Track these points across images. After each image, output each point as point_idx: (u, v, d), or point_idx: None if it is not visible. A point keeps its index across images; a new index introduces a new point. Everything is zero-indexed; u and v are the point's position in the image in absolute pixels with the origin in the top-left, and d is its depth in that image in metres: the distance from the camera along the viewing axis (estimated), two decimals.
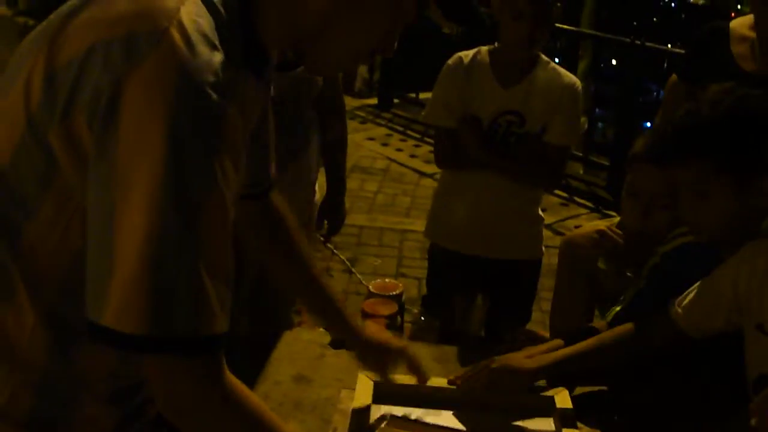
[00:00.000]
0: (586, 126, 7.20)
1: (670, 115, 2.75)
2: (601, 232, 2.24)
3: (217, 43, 1.11)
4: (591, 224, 2.42)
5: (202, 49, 1.08)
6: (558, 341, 2.05)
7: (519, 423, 1.86)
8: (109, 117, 1.04)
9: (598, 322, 2.20)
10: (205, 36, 1.09)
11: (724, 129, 1.80)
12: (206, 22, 1.11)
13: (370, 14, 1.25)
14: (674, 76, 2.92)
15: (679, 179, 1.90)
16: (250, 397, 1.21)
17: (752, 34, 2.67)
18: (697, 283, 1.90)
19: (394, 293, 2.43)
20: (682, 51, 4.48)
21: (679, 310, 1.90)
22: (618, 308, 2.13)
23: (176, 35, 1.06)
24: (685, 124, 1.86)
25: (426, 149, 7.07)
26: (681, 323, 1.89)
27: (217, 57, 1.09)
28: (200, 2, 1.12)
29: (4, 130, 1.15)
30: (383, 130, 7.82)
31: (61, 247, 1.16)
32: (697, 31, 2.88)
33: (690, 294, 1.90)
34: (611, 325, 2.07)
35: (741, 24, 2.73)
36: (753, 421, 1.51)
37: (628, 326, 1.98)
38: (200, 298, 1.09)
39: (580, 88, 2.90)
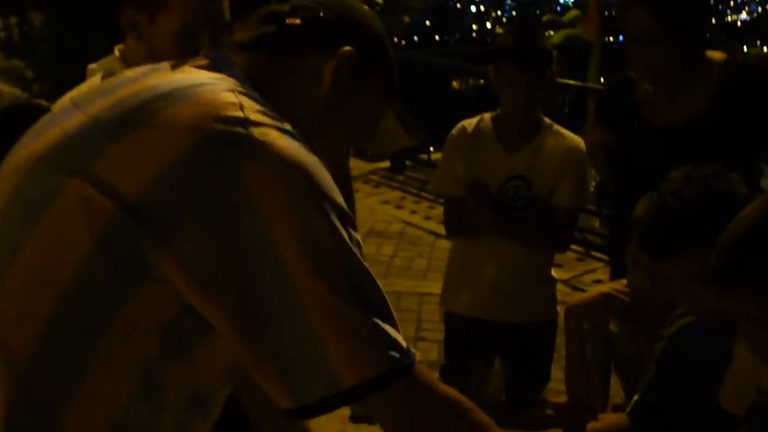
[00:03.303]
0: (599, 177, 7.22)
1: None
2: (607, 295, 2.24)
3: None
4: (594, 288, 2.43)
5: (282, 124, 1.16)
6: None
7: None
8: (246, 217, 1.08)
9: (604, 415, 2.20)
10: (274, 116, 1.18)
11: (699, 218, 1.84)
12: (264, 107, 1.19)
13: (356, 112, 1.36)
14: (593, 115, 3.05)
15: (669, 273, 1.94)
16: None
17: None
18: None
19: None
20: None
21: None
22: (636, 398, 2.11)
23: (256, 117, 1.13)
24: (658, 223, 1.91)
25: (441, 210, 6.93)
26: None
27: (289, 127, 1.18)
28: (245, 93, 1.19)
29: (47, 280, 1.12)
30: (397, 193, 7.84)
31: (133, 358, 1.14)
32: (611, 79, 2.97)
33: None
34: (632, 416, 2.08)
35: None
36: None
37: None
38: (392, 316, 1.18)
39: (585, 148, 2.94)
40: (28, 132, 1.26)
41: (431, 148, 8.11)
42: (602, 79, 11.46)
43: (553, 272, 3.12)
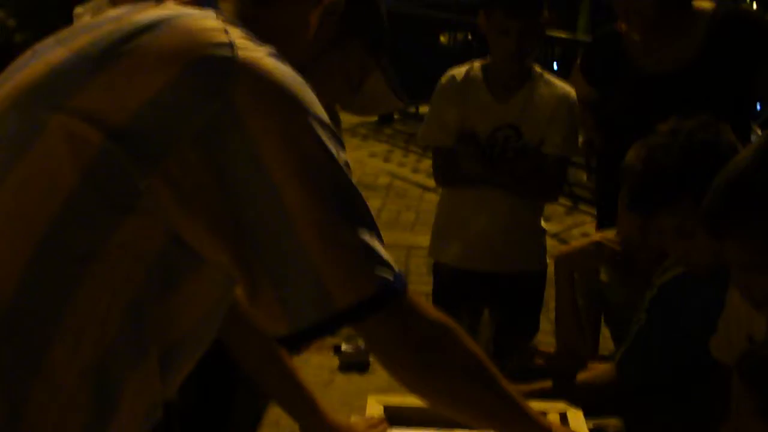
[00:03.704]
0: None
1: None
2: (598, 243, 2.22)
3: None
4: (583, 239, 2.42)
5: (266, 48, 1.15)
6: (547, 383, 2.06)
7: None
8: (236, 138, 1.08)
9: (594, 365, 2.20)
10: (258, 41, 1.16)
11: (687, 171, 1.83)
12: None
13: (338, 63, 1.37)
14: (577, 70, 3.04)
15: (660, 227, 1.93)
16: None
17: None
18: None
19: None
20: None
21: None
22: (625, 347, 2.10)
23: (241, 42, 1.13)
24: (647, 178, 1.90)
25: (428, 163, 7.01)
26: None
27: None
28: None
29: (33, 201, 1.11)
30: (385, 146, 7.84)
31: (119, 293, 1.12)
32: (597, 32, 2.98)
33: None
34: (620, 364, 2.07)
35: None
36: None
37: None
38: (380, 237, 1.18)
39: (575, 97, 2.91)
40: (8, 68, 1.24)
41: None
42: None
43: (542, 224, 3.09)
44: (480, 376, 1.31)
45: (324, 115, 1.16)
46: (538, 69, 2.93)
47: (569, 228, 5.86)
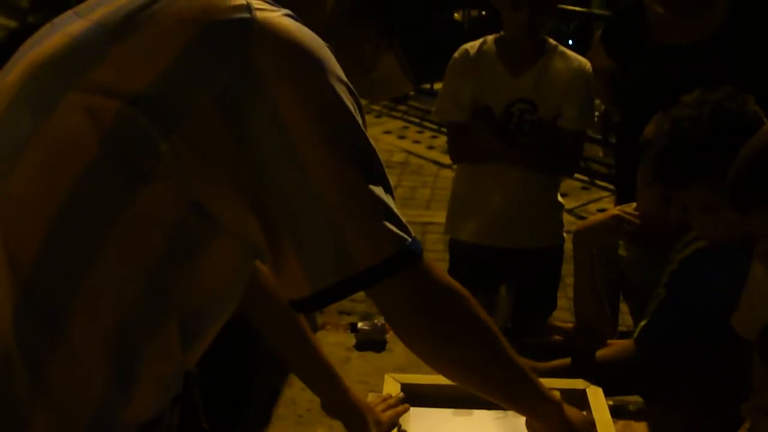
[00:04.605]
0: (603, 107, 7.12)
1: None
2: (617, 217, 2.18)
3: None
4: (602, 213, 2.38)
5: (282, 9, 1.15)
6: (564, 361, 2.04)
7: None
8: (256, 97, 1.08)
9: (613, 341, 2.17)
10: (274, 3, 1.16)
11: (715, 143, 1.80)
12: None
13: (350, 45, 1.35)
14: (598, 42, 2.98)
15: (686, 200, 1.89)
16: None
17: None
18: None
19: None
20: None
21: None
22: (644, 322, 2.06)
23: (258, 3, 1.13)
24: (674, 150, 1.86)
25: (443, 140, 7.01)
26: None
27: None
28: None
29: (57, 166, 1.11)
30: (399, 123, 7.81)
31: (138, 259, 1.12)
32: (619, 5, 2.95)
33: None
34: (639, 341, 2.04)
35: None
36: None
37: None
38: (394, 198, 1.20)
39: (591, 70, 2.87)
40: (27, 41, 1.24)
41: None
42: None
43: (559, 198, 3.07)
44: (492, 347, 1.32)
45: (342, 74, 1.16)
46: (552, 42, 2.89)
47: (586, 203, 5.83)
